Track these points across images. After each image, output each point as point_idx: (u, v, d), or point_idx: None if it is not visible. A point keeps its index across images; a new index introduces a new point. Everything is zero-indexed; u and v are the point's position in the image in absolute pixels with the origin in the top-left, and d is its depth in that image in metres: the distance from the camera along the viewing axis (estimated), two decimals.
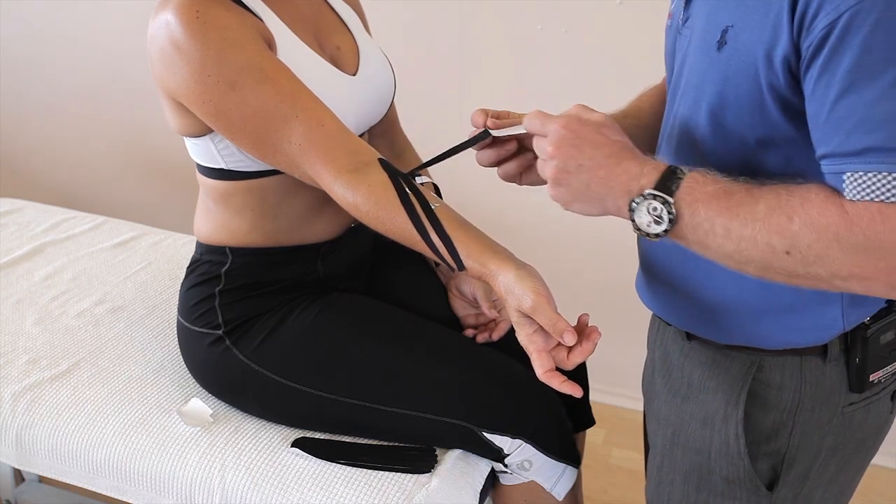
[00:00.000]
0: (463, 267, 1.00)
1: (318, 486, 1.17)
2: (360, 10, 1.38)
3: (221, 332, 1.25)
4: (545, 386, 0.95)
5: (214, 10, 1.07)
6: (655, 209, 0.82)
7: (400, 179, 1.05)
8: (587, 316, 0.96)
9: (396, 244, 1.09)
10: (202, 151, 1.20)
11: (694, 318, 0.98)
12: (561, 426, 1.25)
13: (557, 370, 0.94)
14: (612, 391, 2.18)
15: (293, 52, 1.15)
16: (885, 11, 0.70)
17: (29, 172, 2.76)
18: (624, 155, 0.85)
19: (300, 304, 1.26)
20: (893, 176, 0.72)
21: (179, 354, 1.36)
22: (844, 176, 0.75)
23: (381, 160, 1.08)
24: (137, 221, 1.93)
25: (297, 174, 1.12)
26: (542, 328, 0.93)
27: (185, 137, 1.21)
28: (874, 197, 0.73)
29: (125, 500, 1.29)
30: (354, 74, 1.24)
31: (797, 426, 0.94)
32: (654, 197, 0.81)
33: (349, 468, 1.19)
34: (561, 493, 1.24)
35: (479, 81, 2.05)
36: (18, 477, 1.85)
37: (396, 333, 1.25)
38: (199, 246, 1.32)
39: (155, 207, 2.56)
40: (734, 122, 0.85)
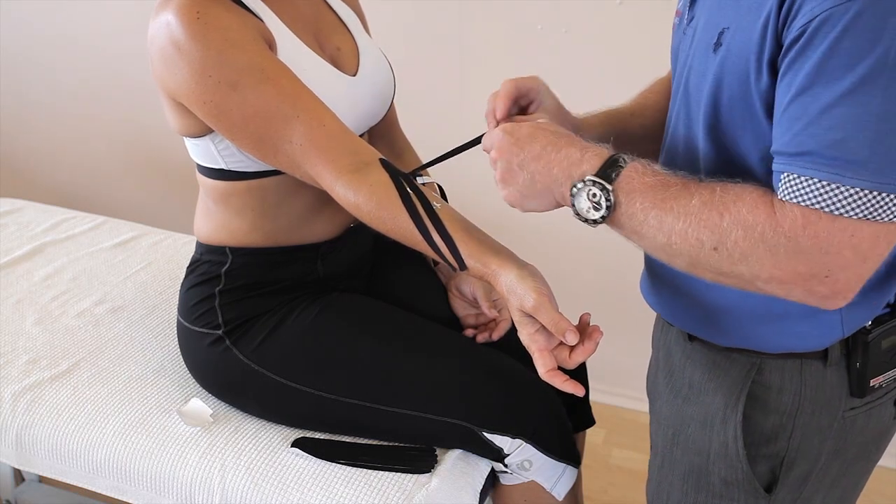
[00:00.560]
0: (465, 266, 1.00)
1: (318, 486, 1.17)
2: (359, 10, 1.38)
3: (221, 332, 1.25)
4: (545, 386, 0.95)
5: (215, 10, 1.07)
6: (595, 195, 0.83)
7: (401, 179, 1.05)
8: (589, 315, 0.96)
9: (396, 244, 1.09)
10: (202, 152, 1.20)
11: (695, 319, 0.98)
12: (561, 426, 1.25)
13: (559, 369, 0.94)
14: (612, 391, 2.18)
15: (293, 52, 1.15)
16: (854, 19, 0.70)
17: (29, 172, 2.76)
18: (563, 142, 0.87)
19: (300, 304, 1.26)
20: (823, 183, 0.73)
21: (179, 354, 1.36)
22: (782, 175, 0.76)
23: (382, 160, 1.08)
24: (137, 221, 1.93)
25: (297, 174, 1.12)
26: (544, 327, 0.93)
27: (185, 138, 1.21)
28: (801, 200, 0.74)
29: (125, 500, 1.29)
30: (354, 75, 1.24)
31: (797, 429, 0.94)
32: (594, 183, 0.83)
33: (349, 468, 1.19)
34: (561, 492, 1.24)
35: (479, 81, 2.05)
36: (18, 477, 1.85)
37: (396, 333, 1.25)
38: (199, 246, 1.32)
39: (155, 207, 2.56)
40: (727, 124, 0.85)
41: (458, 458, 1.22)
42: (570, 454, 1.25)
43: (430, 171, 1.49)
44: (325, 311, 1.25)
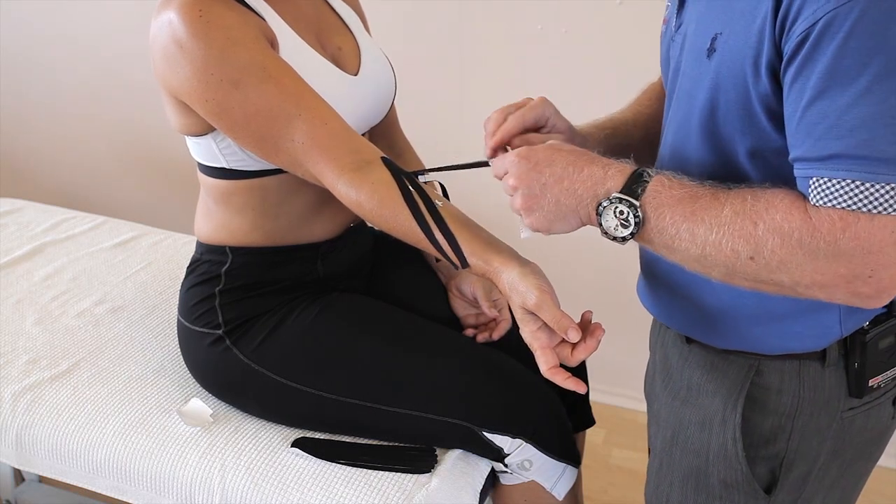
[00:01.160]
0: (467, 264, 1.00)
1: (318, 486, 1.17)
2: (360, 10, 1.38)
3: (221, 331, 1.25)
4: (545, 386, 0.95)
5: (217, 9, 1.07)
6: (622, 213, 0.82)
7: (403, 177, 1.05)
8: (590, 313, 0.96)
9: (397, 244, 1.09)
10: (204, 150, 1.20)
11: (693, 322, 0.98)
12: (561, 426, 1.25)
13: (561, 367, 0.94)
14: (612, 391, 2.18)
15: (295, 51, 1.15)
16: (859, 18, 0.70)
17: (29, 172, 2.76)
18: (583, 161, 0.86)
19: (300, 304, 1.26)
20: (857, 184, 0.72)
21: (179, 354, 1.36)
22: (811, 181, 0.75)
23: (383, 158, 1.08)
24: (137, 221, 1.93)
25: (299, 173, 1.12)
26: (546, 325, 0.93)
27: (186, 137, 1.21)
28: (836, 203, 0.74)
29: (125, 500, 1.29)
30: (356, 74, 1.24)
31: (796, 430, 0.94)
32: (620, 200, 0.82)
33: (349, 468, 1.19)
34: (561, 492, 1.24)
35: (479, 81, 2.05)
36: (18, 477, 1.85)
37: (396, 333, 1.25)
38: (199, 246, 1.32)
39: (155, 207, 2.56)
40: (724, 129, 0.85)
41: (458, 458, 1.22)
42: (570, 454, 1.25)
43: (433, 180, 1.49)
44: (325, 311, 1.25)
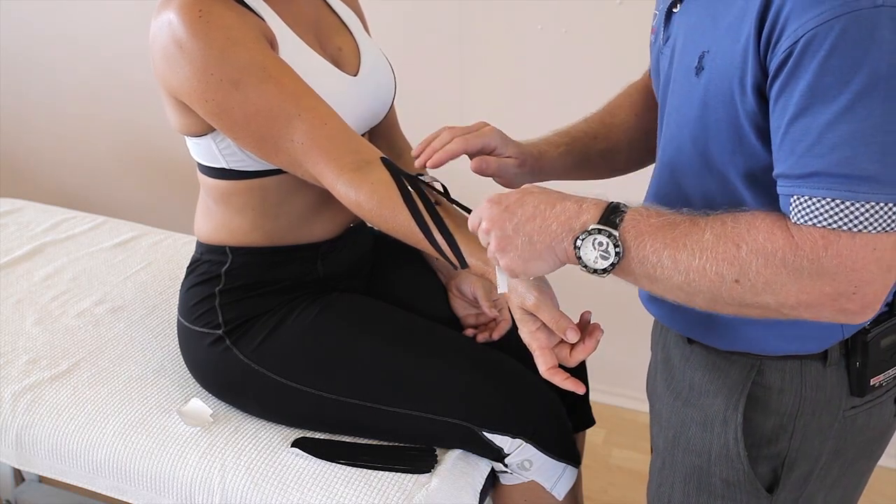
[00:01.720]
0: (466, 265, 1.00)
1: (318, 486, 1.17)
2: (359, 11, 1.38)
3: (221, 331, 1.25)
4: (545, 386, 0.95)
5: (217, 9, 1.07)
6: (601, 244, 0.81)
7: (402, 178, 1.05)
8: (589, 313, 0.96)
9: (397, 244, 1.09)
10: (203, 151, 1.20)
11: (694, 324, 0.98)
12: (561, 426, 1.25)
13: (560, 367, 0.94)
14: (612, 391, 2.18)
15: (295, 52, 1.15)
16: (840, 37, 0.70)
17: (29, 172, 2.76)
18: (555, 198, 0.85)
19: (300, 303, 1.26)
20: (837, 202, 0.72)
21: (179, 354, 1.36)
22: (792, 199, 0.75)
23: (383, 159, 1.08)
24: (137, 221, 1.93)
25: (299, 173, 1.12)
26: (544, 325, 0.93)
27: (186, 137, 1.21)
28: (818, 222, 0.73)
29: (125, 500, 1.29)
30: (355, 75, 1.24)
31: (797, 430, 0.94)
32: (598, 231, 0.81)
33: (349, 468, 1.19)
34: (561, 492, 1.24)
35: (479, 81, 2.05)
36: (18, 477, 1.85)
37: (396, 333, 1.25)
38: (199, 245, 1.32)
39: (155, 207, 2.56)
40: (716, 148, 0.85)
41: (458, 458, 1.22)
42: (570, 454, 1.25)
43: (431, 171, 1.48)
44: (325, 311, 1.25)
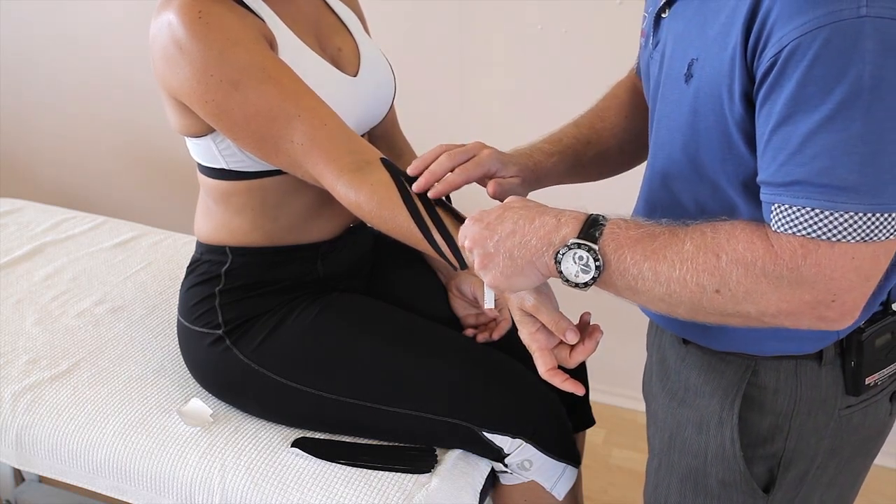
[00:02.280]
0: (465, 265, 1.00)
1: (318, 486, 1.17)
2: (359, 11, 1.38)
3: (221, 331, 1.25)
4: (545, 386, 0.95)
5: (217, 10, 1.07)
6: (581, 258, 0.81)
7: (402, 178, 1.05)
8: (589, 315, 0.96)
9: (397, 244, 1.09)
10: (203, 151, 1.20)
11: (689, 325, 0.97)
12: (561, 426, 1.25)
13: (560, 368, 0.94)
14: (612, 391, 2.18)
15: (294, 52, 1.15)
16: (823, 47, 0.70)
17: (29, 172, 2.76)
18: (534, 213, 0.85)
19: (300, 303, 1.26)
20: (817, 212, 0.73)
21: (179, 354, 1.36)
22: (773, 206, 0.76)
23: (383, 159, 1.08)
24: (137, 221, 1.93)
25: (299, 174, 1.12)
26: (544, 326, 0.93)
27: (186, 137, 1.21)
28: (797, 231, 0.74)
29: (125, 500, 1.29)
30: (355, 76, 1.24)
31: (793, 430, 0.94)
32: (578, 245, 0.81)
33: (349, 468, 1.19)
34: (561, 492, 1.25)
35: (479, 81, 2.05)
36: (18, 477, 1.85)
37: (396, 333, 1.25)
38: (199, 246, 1.32)
39: (155, 207, 2.56)
40: (706, 155, 0.85)
41: (458, 458, 1.22)
42: (570, 454, 1.25)
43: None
44: (325, 311, 1.25)
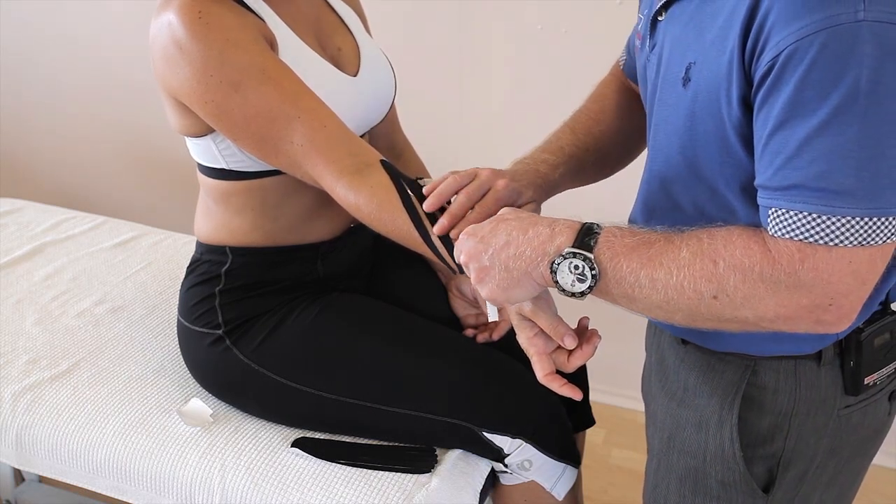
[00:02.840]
0: (463, 270, 1.00)
1: (318, 486, 1.17)
2: (360, 10, 1.38)
3: (221, 331, 1.25)
4: (545, 386, 0.95)
5: (217, 10, 1.07)
6: (577, 267, 0.81)
7: (402, 181, 1.05)
8: (587, 319, 0.96)
9: (397, 244, 1.09)
10: (203, 151, 1.20)
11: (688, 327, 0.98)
12: (561, 426, 1.25)
13: (558, 373, 0.94)
14: (612, 391, 2.18)
15: (295, 52, 1.15)
16: (820, 51, 0.70)
17: (29, 172, 2.76)
18: (527, 224, 0.85)
19: (300, 303, 1.26)
20: (814, 216, 0.73)
21: (179, 354, 1.36)
22: (770, 211, 0.76)
23: (383, 161, 1.08)
24: (137, 221, 1.93)
25: (298, 174, 1.12)
26: (542, 331, 0.93)
27: (186, 137, 1.21)
28: (794, 235, 0.74)
29: (125, 500, 1.29)
30: (355, 75, 1.24)
31: (793, 429, 0.94)
32: (574, 255, 0.81)
33: (349, 468, 1.19)
34: (561, 492, 1.25)
35: (479, 81, 2.05)
36: (18, 477, 1.85)
37: (396, 333, 1.25)
38: (199, 246, 1.32)
39: (155, 207, 2.56)
40: (704, 159, 0.85)
41: (458, 458, 1.22)
42: (569, 454, 1.25)
43: (431, 173, 1.48)
44: (325, 311, 1.25)
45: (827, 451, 0.96)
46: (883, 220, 0.72)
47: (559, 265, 0.82)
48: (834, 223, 0.72)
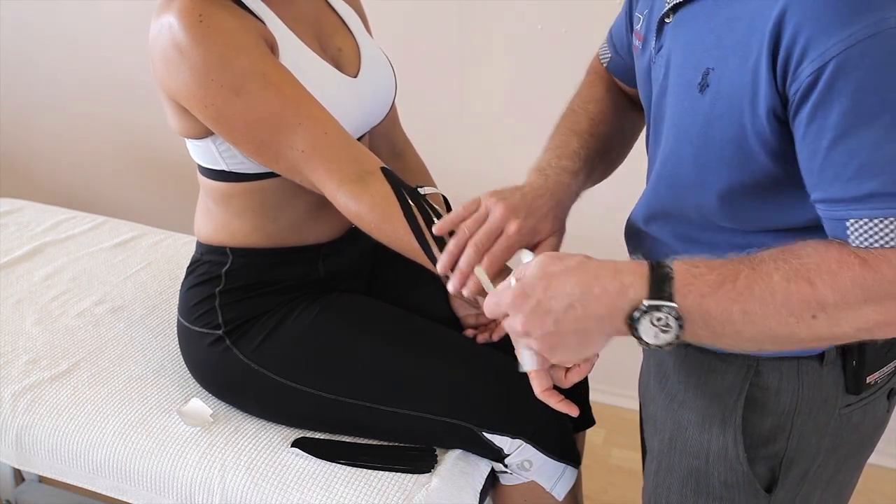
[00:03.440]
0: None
1: (318, 486, 1.17)
2: (360, 10, 1.38)
3: (221, 332, 1.25)
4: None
5: (217, 13, 1.07)
6: (660, 319, 0.76)
7: (403, 190, 1.05)
8: None
9: None
10: (203, 153, 1.20)
11: None
12: (561, 426, 1.25)
13: (555, 388, 0.94)
14: (612, 391, 2.18)
15: (295, 54, 1.15)
16: (874, 57, 0.69)
17: (29, 172, 2.76)
18: (587, 277, 0.79)
19: (300, 304, 1.26)
20: None
21: (179, 354, 1.36)
22: (848, 223, 0.74)
23: (383, 169, 1.08)
24: (137, 221, 1.93)
25: (298, 180, 1.12)
26: None
27: (186, 139, 1.21)
28: (886, 243, 0.73)
29: (125, 500, 1.29)
30: (356, 76, 1.24)
31: (795, 429, 0.94)
32: (656, 308, 0.76)
33: (349, 468, 1.19)
34: (561, 493, 1.24)
35: (479, 81, 2.05)
36: (18, 477, 1.85)
37: (396, 333, 1.25)
38: (199, 246, 1.32)
39: (155, 207, 2.56)
40: (718, 164, 0.84)
41: (458, 458, 1.22)
42: (569, 454, 1.25)
43: (431, 174, 1.48)
44: (325, 311, 1.25)
45: (828, 449, 0.96)
46: None
47: (639, 319, 0.77)
48: None
